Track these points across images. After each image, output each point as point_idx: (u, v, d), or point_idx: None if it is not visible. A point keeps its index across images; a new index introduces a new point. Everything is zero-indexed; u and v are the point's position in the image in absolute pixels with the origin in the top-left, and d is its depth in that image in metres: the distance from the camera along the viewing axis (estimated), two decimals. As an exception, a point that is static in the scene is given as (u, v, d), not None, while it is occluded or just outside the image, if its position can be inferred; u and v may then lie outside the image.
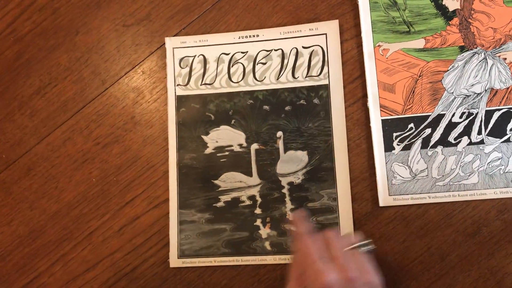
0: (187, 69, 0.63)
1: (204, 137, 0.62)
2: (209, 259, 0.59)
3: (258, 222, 0.59)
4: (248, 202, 0.60)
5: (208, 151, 0.61)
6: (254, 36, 0.63)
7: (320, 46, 0.61)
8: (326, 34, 0.61)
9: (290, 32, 0.62)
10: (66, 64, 0.65)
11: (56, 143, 0.64)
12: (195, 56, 0.63)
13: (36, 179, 0.63)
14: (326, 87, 0.60)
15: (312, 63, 0.61)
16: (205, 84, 0.62)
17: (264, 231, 0.59)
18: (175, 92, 0.63)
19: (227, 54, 0.63)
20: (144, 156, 0.62)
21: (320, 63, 0.61)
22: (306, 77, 0.61)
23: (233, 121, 0.62)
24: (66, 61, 0.65)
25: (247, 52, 0.62)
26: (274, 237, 0.59)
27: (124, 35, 0.65)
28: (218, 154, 0.61)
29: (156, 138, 0.62)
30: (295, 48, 0.62)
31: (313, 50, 0.61)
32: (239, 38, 0.63)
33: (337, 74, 0.60)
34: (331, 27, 0.61)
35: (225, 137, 0.61)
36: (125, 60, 0.64)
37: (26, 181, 0.63)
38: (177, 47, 0.63)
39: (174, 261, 0.60)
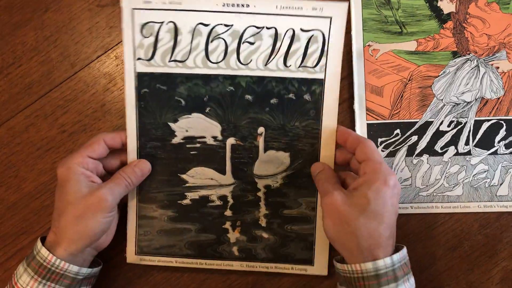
0: (152, 38, 0.51)
1: (171, 124, 0.54)
2: (170, 259, 0.55)
3: (227, 225, 0.55)
4: (218, 203, 0.55)
5: (176, 140, 0.54)
6: (243, 6, 0.51)
7: (321, 32, 0.51)
8: (331, 18, 0.51)
9: (289, 8, 0.51)
10: (32, 43, 0.60)
11: (17, 128, 0.59)
12: (162, 22, 0.51)
13: (-6, 166, 0.59)
14: (321, 83, 0.52)
15: (309, 51, 0.52)
16: (175, 60, 0.52)
17: (233, 235, 0.55)
18: (134, 67, 0.52)
19: (206, 25, 0.51)
20: (113, 148, 0.58)
21: (318, 53, 0.51)
22: (299, 67, 0.52)
23: (208, 109, 0.53)
24: (32, 39, 0.60)
25: (232, 25, 0.51)
26: (243, 242, 0.55)
27: (98, 16, 0.60)
28: (187, 145, 0.54)
29: (127, 129, 0.58)
30: (292, 29, 0.51)
31: (312, 35, 0.51)
32: (223, 5, 0.51)
33: (335, 69, 0.52)
34: (339, 11, 0.50)
35: (197, 126, 0.54)
36: (97, 43, 0.59)
37: (-17, 167, 0.59)
38: (138, 8, 0.51)
39: (131, 258, 0.55)
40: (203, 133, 0.54)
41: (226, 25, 0.51)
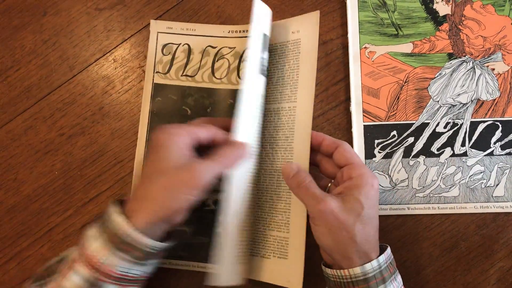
0: (169, 56, 0.59)
1: None
2: (164, 260, 0.55)
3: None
4: (213, 207, 0.56)
5: None
6: (244, 31, 0.58)
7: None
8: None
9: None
10: (31, 47, 0.60)
11: (16, 131, 0.59)
12: (179, 44, 0.59)
13: (-7, 169, 0.59)
14: None
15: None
16: (186, 75, 0.58)
17: None
18: (153, 79, 0.58)
19: (213, 48, 0.59)
20: (111, 150, 0.58)
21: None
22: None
23: None
24: (31, 43, 0.60)
25: (234, 48, 0.58)
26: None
27: (96, 19, 0.60)
28: None
29: (125, 131, 0.58)
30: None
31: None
32: (229, 32, 0.59)
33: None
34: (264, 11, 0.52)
35: None
36: (95, 46, 0.60)
37: (-18, 170, 0.59)
38: (162, 32, 0.59)
39: None
40: None
41: (229, 48, 0.59)
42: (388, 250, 0.47)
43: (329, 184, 0.51)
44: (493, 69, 0.56)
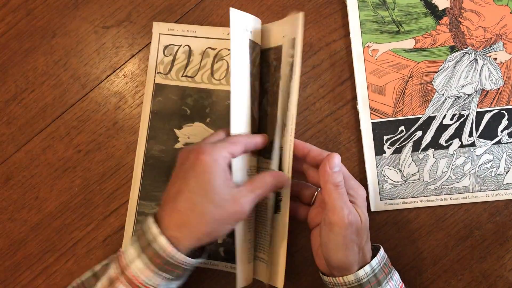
0: (171, 57, 0.61)
1: (176, 130, 0.60)
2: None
3: None
4: None
5: (178, 145, 0.59)
6: None
7: None
8: None
9: None
10: (43, 68, 0.62)
11: (35, 151, 0.61)
12: (180, 45, 0.61)
13: (16, 189, 0.61)
14: None
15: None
16: (186, 76, 0.60)
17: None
18: (154, 79, 0.60)
19: (213, 49, 0.60)
20: (128, 163, 0.60)
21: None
22: None
23: (208, 119, 0.59)
24: (43, 65, 0.62)
25: None
26: (229, 244, 0.57)
27: (104, 37, 0.62)
28: None
29: (140, 144, 0.60)
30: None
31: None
32: (228, 34, 0.60)
33: None
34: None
35: (198, 134, 0.59)
36: (105, 63, 0.62)
37: (5, 191, 0.61)
38: (164, 33, 0.61)
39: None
40: None
41: (228, 49, 0.60)
42: (381, 251, 0.48)
43: (316, 193, 0.52)
44: (496, 59, 0.57)
